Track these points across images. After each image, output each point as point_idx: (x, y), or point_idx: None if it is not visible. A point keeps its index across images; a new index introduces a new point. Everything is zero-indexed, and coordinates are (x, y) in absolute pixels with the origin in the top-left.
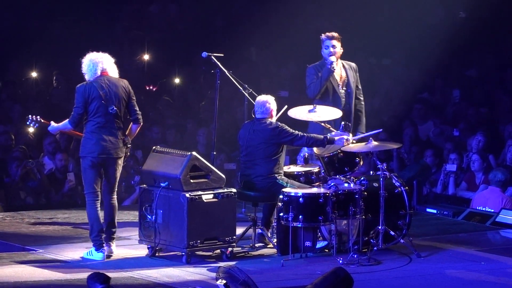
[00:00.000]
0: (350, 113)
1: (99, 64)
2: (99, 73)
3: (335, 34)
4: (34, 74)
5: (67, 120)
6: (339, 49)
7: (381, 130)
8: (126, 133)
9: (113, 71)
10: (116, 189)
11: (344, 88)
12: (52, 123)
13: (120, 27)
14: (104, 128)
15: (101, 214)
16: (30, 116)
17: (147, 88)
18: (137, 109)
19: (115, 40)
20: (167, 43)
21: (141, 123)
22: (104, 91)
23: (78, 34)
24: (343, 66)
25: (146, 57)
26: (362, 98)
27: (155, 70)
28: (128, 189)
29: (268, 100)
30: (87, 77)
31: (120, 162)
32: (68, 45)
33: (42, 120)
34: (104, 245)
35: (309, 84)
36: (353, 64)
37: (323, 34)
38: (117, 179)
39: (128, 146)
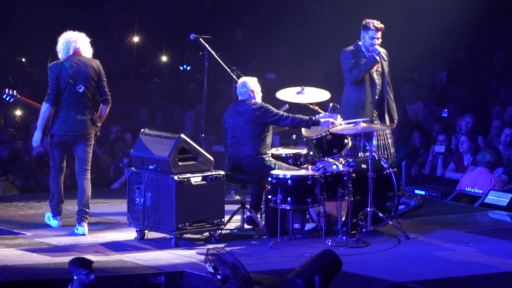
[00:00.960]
0: (384, 100)
1: (72, 43)
2: (71, 52)
3: (383, 26)
4: (22, 57)
5: (44, 102)
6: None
7: (368, 119)
8: (97, 114)
9: (86, 51)
10: (88, 169)
11: (379, 75)
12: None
13: (109, 10)
14: (71, 106)
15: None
16: (6, 90)
17: (137, 71)
18: (107, 90)
19: (104, 23)
20: (156, 26)
21: (110, 103)
22: (73, 70)
23: (67, 16)
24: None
25: (135, 39)
26: (390, 86)
27: (144, 53)
28: (116, 172)
29: (247, 81)
30: (60, 55)
31: (89, 141)
32: (57, 28)
33: (19, 96)
34: (61, 213)
35: (349, 68)
36: (385, 51)
37: (371, 23)
38: (87, 158)
39: (98, 125)
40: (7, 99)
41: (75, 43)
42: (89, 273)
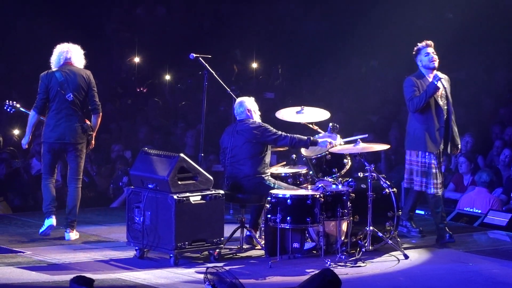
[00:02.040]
0: (449, 126)
1: (64, 53)
2: (62, 62)
3: (430, 42)
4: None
5: (31, 110)
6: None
7: (367, 135)
8: (89, 122)
9: (78, 62)
10: (79, 178)
11: (444, 100)
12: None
13: (109, 29)
14: (61, 115)
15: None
16: (7, 101)
17: (138, 90)
18: (97, 100)
19: (104, 42)
20: (156, 45)
21: (100, 113)
22: (63, 79)
23: (67, 36)
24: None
25: (136, 59)
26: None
27: (144, 72)
28: (116, 191)
29: (244, 100)
30: (52, 66)
31: (80, 148)
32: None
33: (19, 106)
34: (54, 213)
35: (411, 97)
36: (446, 77)
37: (419, 44)
38: (78, 166)
39: (89, 133)
40: (8, 110)
41: (67, 53)
42: None
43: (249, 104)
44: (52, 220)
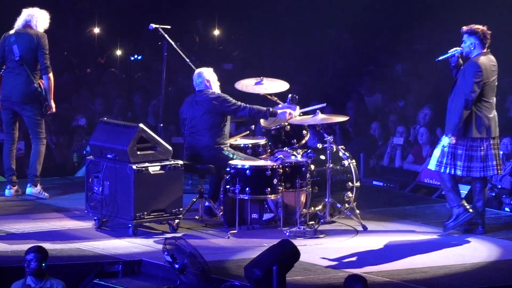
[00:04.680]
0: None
1: (24, 17)
2: (21, 25)
3: (464, 28)
4: None
5: None
6: (466, 44)
7: (325, 104)
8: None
9: (39, 25)
10: (38, 137)
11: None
12: None
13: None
14: (9, 74)
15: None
16: None
17: (98, 61)
18: (46, 61)
19: (60, 12)
20: (114, 15)
21: (49, 74)
22: (13, 40)
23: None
24: None
25: (96, 30)
26: None
27: (103, 43)
28: (80, 160)
29: (202, 71)
30: (14, 28)
31: (31, 108)
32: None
33: None
34: (12, 183)
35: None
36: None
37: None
38: (34, 125)
39: (39, 93)
40: None
41: (28, 16)
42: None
43: (208, 75)
44: (8, 191)
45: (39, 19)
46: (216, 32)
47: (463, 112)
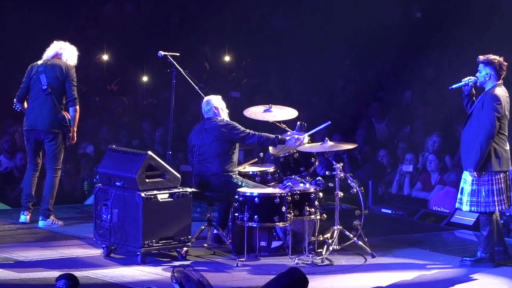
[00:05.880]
0: None
1: (55, 49)
2: (50, 56)
3: (480, 57)
4: None
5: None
6: (481, 74)
7: (329, 122)
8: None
9: (69, 59)
10: (54, 167)
11: None
12: None
13: (74, 27)
14: (35, 103)
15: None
16: (15, 100)
17: (109, 88)
18: (74, 93)
19: (69, 39)
20: (123, 42)
21: (75, 106)
22: (42, 69)
23: (33, 32)
24: None
25: (105, 57)
26: None
27: (113, 70)
28: (91, 187)
29: (210, 98)
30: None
31: (53, 137)
32: (23, 44)
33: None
34: (28, 209)
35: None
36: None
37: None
38: (52, 155)
39: (65, 124)
40: (16, 107)
41: (59, 49)
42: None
43: (216, 102)
44: (24, 217)
45: (69, 53)
46: (227, 58)
47: (487, 146)
